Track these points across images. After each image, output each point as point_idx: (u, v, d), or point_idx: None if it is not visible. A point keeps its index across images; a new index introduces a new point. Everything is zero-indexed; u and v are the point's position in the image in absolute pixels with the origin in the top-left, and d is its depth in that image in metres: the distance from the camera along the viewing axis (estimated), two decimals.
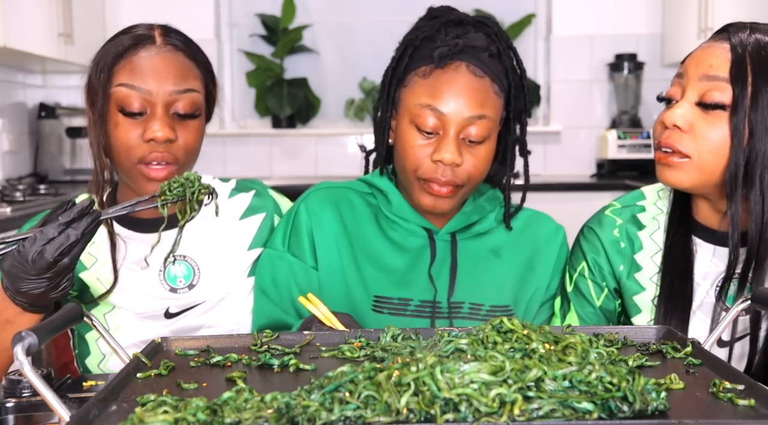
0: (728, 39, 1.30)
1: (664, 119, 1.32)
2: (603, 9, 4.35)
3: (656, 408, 0.81)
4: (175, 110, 1.38)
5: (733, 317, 1.10)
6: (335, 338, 1.13)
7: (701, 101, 1.28)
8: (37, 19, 3.47)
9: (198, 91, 1.41)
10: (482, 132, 1.37)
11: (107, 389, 0.90)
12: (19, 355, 0.87)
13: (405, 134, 1.40)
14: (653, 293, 1.39)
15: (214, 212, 1.49)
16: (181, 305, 1.46)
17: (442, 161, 1.36)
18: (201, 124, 1.43)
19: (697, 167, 1.29)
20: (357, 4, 4.46)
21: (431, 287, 1.44)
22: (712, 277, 1.37)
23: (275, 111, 4.32)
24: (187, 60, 1.42)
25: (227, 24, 4.53)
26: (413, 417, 0.76)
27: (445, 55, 1.37)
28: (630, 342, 1.11)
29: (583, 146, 4.41)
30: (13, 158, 3.90)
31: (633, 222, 1.44)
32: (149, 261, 1.44)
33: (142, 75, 1.37)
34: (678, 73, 1.35)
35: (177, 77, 1.38)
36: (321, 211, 1.48)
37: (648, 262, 1.41)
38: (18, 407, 1.11)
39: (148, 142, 1.36)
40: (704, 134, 1.28)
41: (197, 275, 1.47)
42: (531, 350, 0.85)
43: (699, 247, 1.38)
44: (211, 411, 0.80)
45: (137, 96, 1.36)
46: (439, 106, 1.36)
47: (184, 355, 1.09)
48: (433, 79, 1.38)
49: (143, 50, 1.39)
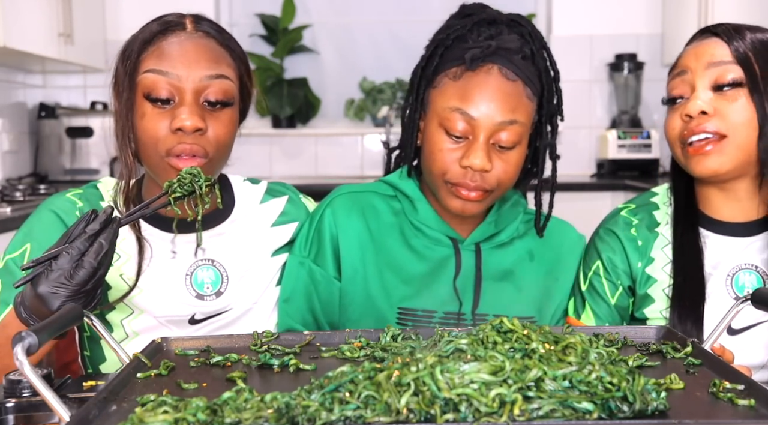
0: (715, 35, 1.37)
1: (686, 111, 1.34)
2: (603, 9, 4.35)
3: (656, 408, 0.81)
4: (205, 97, 1.30)
5: (733, 316, 1.11)
6: (335, 338, 1.13)
7: (716, 84, 1.34)
8: (37, 19, 3.47)
9: (231, 79, 1.33)
10: (513, 138, 1.34)
11: (107, 389, 0.90)
12: (19, 355, 0.87)
13: (433, 137, 1.37)
14: (665, 283, 1.41)
15: (244, 216, 1.45)
16: (207, 312, 1.39)
17: (471, 167, 1.33)
18: (234, 115, 1.35)
19: (735, 144, 1.33)
20: (357, 4, 4.46)
21: (455, 298, 1.41)
22: (725, 267, 1.39)
23: (275, 111, 4.32)
24: (220, 47, 1.34)
25: (227, 24, 4.52)
26: (413, 417, 0.76)
27: (477, 57, 1.34)
28: (630, 342, 1.11)
29: (583, 146, 4.41)
30: (13, 158, 3.90)
31: (649, 220, 1.47)
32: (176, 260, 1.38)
33: (171, 60, 1.29)
34: (678, 72, 1.39)
35: (208, 61, 1.31)
36: (347, 218, 1.44)
37: (659, 253, 1.43)
38: (18, 407, 1.11)
39: (175, 132, 1.28)
40: (730, 111, 1.32)
41: (225, 282, 1.40)
42: (531, 350, 0.85)
43: (707, 239, 1.41)
44: (211, 411, 0.80)
45: (165, 82, 1.28)
46: (470, 110, 1.33)
47: (184, 355, 1.09)
48: (463, 82, 1.35)
49: (173, 36, 1.32)
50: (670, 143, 1.41)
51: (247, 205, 1.48)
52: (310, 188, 2.58)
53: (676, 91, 1.38)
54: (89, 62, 3.87)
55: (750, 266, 1.39)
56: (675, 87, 1.39)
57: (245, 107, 1.42)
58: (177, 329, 1.38)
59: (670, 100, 1.40)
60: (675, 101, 1.39)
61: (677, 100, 1.38)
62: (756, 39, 1.35)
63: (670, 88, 1.41)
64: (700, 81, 1.35)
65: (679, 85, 1.38)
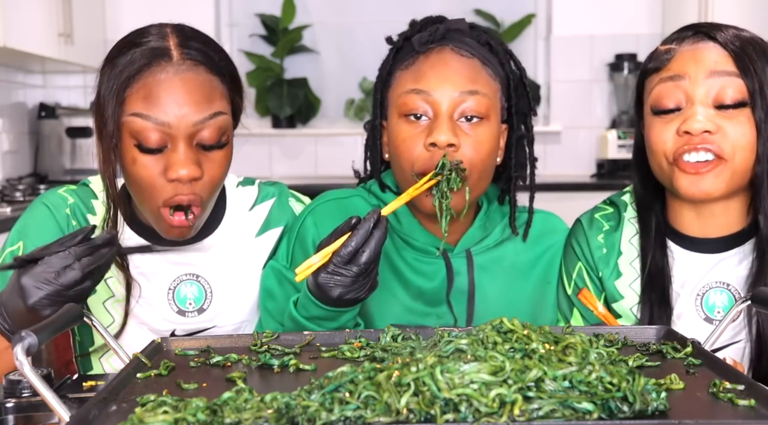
0: (711, 38, 1.26)
1: (686, 128, 1.23)
2: (603, 9, 4.34)
3: (656, 408, 0.81)
4: (199, 140, 1.21)
5: (733, 316, 1.10)
6: (335, 338, 1.13)
7: (718, 102, 1.23)
8: (37, 19, 3.47)
9: (225, 113, 1.24)
10: (478, 107, 1.27)
11: (107, 389, 0.90)
12: (19, 355, 0.87)
13: (395, 129, 1.31)
14: (632, 301, 1.36)
15: (233, 227, 1.39)
16: (187, 330, 1.35)
17: (436, 144, 1.25)
18: (228, 152, 1.27)
19: (733, 168, 1.24)
20: (357, 4, 4.46)
21: (450, 314, 1.35)
22: (694, 286, 1.33)
23: (275, 111, 4.32)
24: (211, 76, 1.23)
25: (227, 24, 4.53)
26: (413, 418, 0.76)
27: (426, 41, 1.30)
28: (630, 342, 1.11)
29: (583, 146, 4.41)
30: (13, 158, 3.90)
31: (617, 228, 1.40)
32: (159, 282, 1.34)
33: (158, 103, 1.19)
34: (671, 76, 1.26)
35: (200, 104, 1.20)
36: (330, 223, 1.33)
37: (627, 268, 1.37)
38: (18, 407, 1.11)
39: (171, 182, 1.20)
40: (733, 132, 1.23)
41: (209, 299, 1.35)
42: (531, 350, 0.85)
43: (675, 254, 1.34)
44: (211, 411, 0.80)
45: (154, 129, 1.19)
46: (425, 87, 1.27)
47: (184, 355, 1.09)
48: (416, 67, 1.31)
49: (158, 70, 1.20)
50: (656, 157, 1.28)
51: (236, 214, 1.42)
52: (310, 188, 2.57)
53: (668, 100, 1.25)
54: (89, 62, 3.87)
55: (721, 285, 1.32)
56: (667, 95, 1.25)
57: (238, 113, 1.34)
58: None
59: (662, 111, 1.26)
60: (667, 113, 1.26)
61: (670, 112, 1.26)
62: (750, 40, 1.27)
63: (659, 94, 1.27)
64: (700, 91, 1.23)
65: (672, 92, 1.25)
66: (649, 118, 1.30)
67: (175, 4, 4.30)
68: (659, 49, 1.32)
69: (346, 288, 1.18)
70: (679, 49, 1.28)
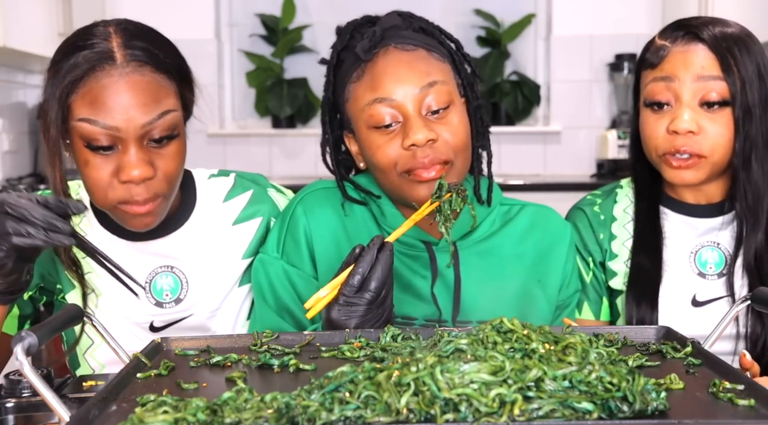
0: (699, 39, 1.41)
1: (674, 127, 1.40)
2: (603, 9, 4.34)
3: (656, 408, 0.81)
4: (149, 138, 1.22)
5: (733, 316, 1.11)
6: (335, 338, 1.13)
7: (704, 101, 1.40)
8: (37, 19, 3.46)
9: (174, 110, 1.25)
10: (441, 97, 1.29)
11: (107, 389, 0.90)
12: (19, 355, 0.87)
13: (368, 141, 1.31)
14: (626, 256, 1.49)
15: (205, 218, 1.39)
16: (166, 320, 1.36)
17: (416, 144, 1.26)
18: (180, 144, 1.27)
19: (711, 162, 1.40)
20: (357, 4, 4.44)
21: (434, 306, 1.35)
22: (688, 245, 1.48)
23: (275, 111, 4.32)
24: (156, 75, 1.23)
25: (227, 24, 4.53)
26: (413, 417, 0.76)
27: (368, 47, 1.31)
28: (630, 342, 1.11)
29: (583, 146, 4.41)
30: (13, 158, 3.90)
31: (611, 204, 1.55)
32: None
33: (105, 108, 1.19)
34: (662, 77, 1.42)
35: (147, 105, 1.21)
36: (320, 211, 1.37)
37: (621, 230, 1.51)
38: (18, 407, 1.11)
39: (124, 183, 1.21)
40: (713, 131, 1.39)
41: (185, 289, 1.37)
42: (531, 350, 0.85)
43: (670, 217, 1.50)
44: (211, 411, 0.80)
45: (103, 133, 1.19)
46: (386, 94, 1.28)
47: (184, 355, 1.09)
48: (367, 75, 1.31)
49: (103, 75, 1.20)
50: (648, 148, 1.46)
51: (208, 204, 1.42)
52: None
53: (660, 96, 1.42)
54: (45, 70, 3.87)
55: (712, 244, 1.47)
56: (659, 92, 1.42)
57: (189, 114, 1.35)
58: (140, 332, 1.36)
59: (655, 104, 1.43)
60: (661, 107, 1.42)
61: (663, 106, 1.42)
62: (733, 36, 1.40)
63: (652, 91, 1.43)
64: (687, 93, 1.40)
65: (663, 91, 1.42)
66: (643, 111, 1.47)
67: (175, 4, 4.31)
68: (656, 44, 1.48)
69: (361, 318, 1.16)
70: (672, 48, 1.44)
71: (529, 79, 4.34)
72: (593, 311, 1.51)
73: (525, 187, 3.85)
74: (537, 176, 4.29)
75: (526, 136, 4.39)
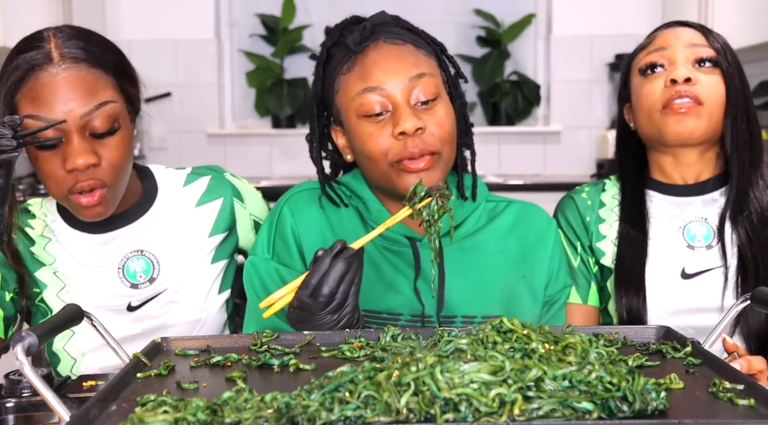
0: (690, 27, 1.52)
1: (672, 76, 1.45)
2: (603, 9, 4.35)
3: (656, 408, 0.81)
4: (91, 130, 1.30)
5: (733, 316, 1.11)
6: (335, 338, 1.13)
7: (697, 59, 1.48)
8: (37, 18, 3.47)
9: (113, 101, 1.32)
10: (429, 89, 1.32)
11: (107, 389, 0.90)
12: (19, 355, 0.87)
13: (358, 130, 1.34)
14: (613, 235, 1.55)
15: (168, 202, 1.48)
16: (142, 298, 1.44)
17: (405, 132, 1.29)
18: (124, 135, 1.34)
19: (708, 112, 1.46)
20: (357, 4, 4.45)
21: (417, 302, 1.35)
22: (677, 220, 1.52)
23: (275, 111, 4.32)
24: (93, 70, 1.32)
25: (227, 24, 4.53)
26: (413, 417, 0.76)
27: (359, 40, 1.34)
28: (630, 342, 1.11)
29: (583, 146, 4.41)
30: None
31: (598, 192, 1.60)
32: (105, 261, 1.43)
33: (46, 104, 1.28)
34: (656, 49, 1.50)
35: (83, 97, 1.29)
36: (306, 211, 1.40)
37: (609, 214, 1.57)
38: (18, 407, 1.11)
39: (71, 172, 1.29)
40: (708, 83, 1.46)
41: (157, 268, 1.45)
42: (531, 350, 0.86)
43: (657, 198, 1.55)
44: (211, 411, 0.80)
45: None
46: (376, 83, 1.31)
47: (184, 355, 1.09)
48: (358, 67, 1.34)
49: (42, 73, 1.29)
50: (646, 110, 1.50)
51: (169, 190, 1.50)
52: None
53: (655, 60, 1.49)
54: None
55: (700, 219, 1.52)
56: (653, 59, 1.50)
57: (135, 109, 1.41)
58: (116, 315, 1.42)
59: (650, 67, 1.49)
60: (654, 69, 1.49)
61: (657, 68, 1.49)
62: (723, 39, 1.51)
63: (647, 60, 1.50)
64: (680, 55, 1.48)
65: (657, 58, 1.49)
66: (637, 82, 1.53)
67: (175, 4, 4.31)
68: (644, 39, 1.58)
69: (315, 323, 1.17)
70: (660, 31, 1.54)
71: (529, 79, 4.34)
72: (581, 296, 1.52)
73: (525, 187, 3.85)
74: (537, 176, 4.29)
75: (526, 136, 4.39)
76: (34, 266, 1.42)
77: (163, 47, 4.27)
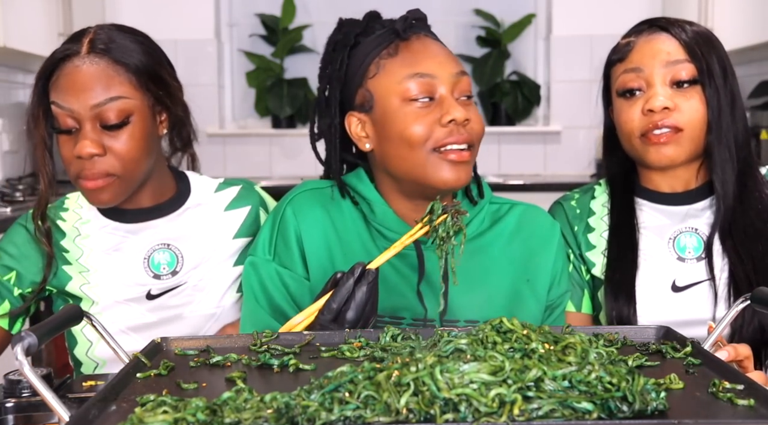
0: (665, 30, 1.49)
1: (649, 106, 1.44)
2: (603, 9, 4.35)
3: (656, 408, 0.81)
4: (102, 121, 1.37)
5: (733, 317, 1.11)
6: (335, 338, 1.13)
7: (674, 81, 1.45)
8: (37, 19, 3.47)
9: (127, 97, 1.38)
10: (468, 87, 1.35)
11: (107, 389, 0.90)
12: (19, 355, 0.87)
13: (400, 114, 1.31)
14: (603, 246, 1.53)
15: (199, 203, 1.55)
16: (163, 288, 1.48)
17: (455, 120, 1.29)
18: (136, 130, 1.40)
19: (689, 137, 1.44)
20: (357, 4, 4.43)
21: (420, 305, 1.33)
22: (666, 231, 1.50)
23: (275, 111, 4.33)
24: (113, 65, 1.39)
25: (227, 24, 4.53)
26: (413, 417, 0.76)
27: (406, 27, 1.36)
28: (630, 342, 1.11)
29: (583, 146, 4.41)
30: (13, 158, 3.90)
31: (588, 199, 1.59)
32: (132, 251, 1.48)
33: (66, 92, 1.37)
34: (632, 68, 1.48)
35: (97, 90, 1.37)
36: (309, 212, 1.37)
37: (599, 223, 1.55)
38: (18, 407, 1.11)
39: (79, 159, 1.38)
40: (687, 107, 1.44)
41: (180, 262, 1.49)
42: (531, 350, 0.86)
43: (647, 207, 1.53)
44: (210, 411, 0.80)
45: (65, 114, 1.38)
46: (427, 70, 1.32)
47: (183, 355, 1.09)
48: (404, 53, 1.34)
49: (68, 64, 1.38)
50: (626, 135, 1.49)
51: (201, 193, 1.56)
52: None
53: (632, 83, 1.47)
54: None
55: (690, 229, 1.50)
56: (630, 80, 1.47)
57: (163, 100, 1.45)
58: (136, 304, 1.47)
59: (627, 91, 1.47)
60: (633, 94, 1.47)
61: (635, 92, 1.47)
62: (698, 31, 1.48)
63: (623, 81, 1.48)
64: (657, 78, 1.45)
65: (634, 79, 1.47)
66: (617, 102, 1.51)
67: (175, 4, 4.31)
68: (620, 43, 1.56)
69: None
70: (637, 40, 1.51)
71: (529, 79, 4.34)
72: (574, 304, 1.51)
73: (525, 187, 3.85)
74: (537, 176, 4.29)
75: (526, 136, 4.39)
76: (62, 260, 1.48)
77: (162, 47, 4.26)
